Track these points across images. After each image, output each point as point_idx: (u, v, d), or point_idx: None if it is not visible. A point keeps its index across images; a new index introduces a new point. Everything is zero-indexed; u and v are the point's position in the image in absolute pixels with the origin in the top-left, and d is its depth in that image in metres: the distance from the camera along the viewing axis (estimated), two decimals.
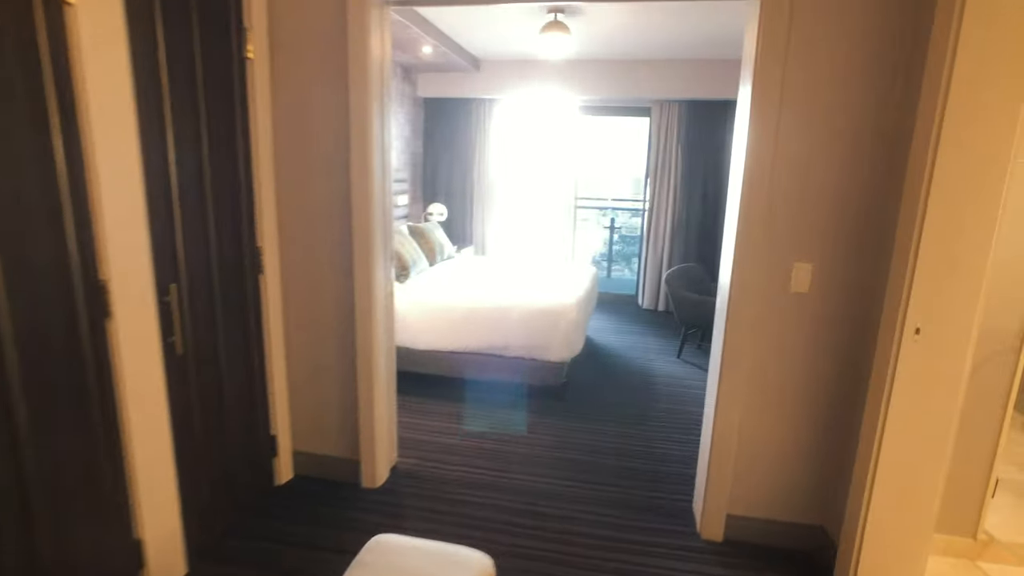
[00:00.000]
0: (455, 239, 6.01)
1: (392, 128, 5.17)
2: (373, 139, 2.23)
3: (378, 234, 2.33)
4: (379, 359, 2.43)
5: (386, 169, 2.40)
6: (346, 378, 2.45)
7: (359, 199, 2.26)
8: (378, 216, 2.32)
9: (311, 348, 2.46)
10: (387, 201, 2.41)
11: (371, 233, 2.28)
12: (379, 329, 2.41)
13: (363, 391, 2.42)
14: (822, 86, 1.90)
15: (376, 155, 2.28)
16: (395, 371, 2.62)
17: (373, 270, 2.31)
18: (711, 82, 5.16)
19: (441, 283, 3.91)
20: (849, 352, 2.04)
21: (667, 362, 4.31)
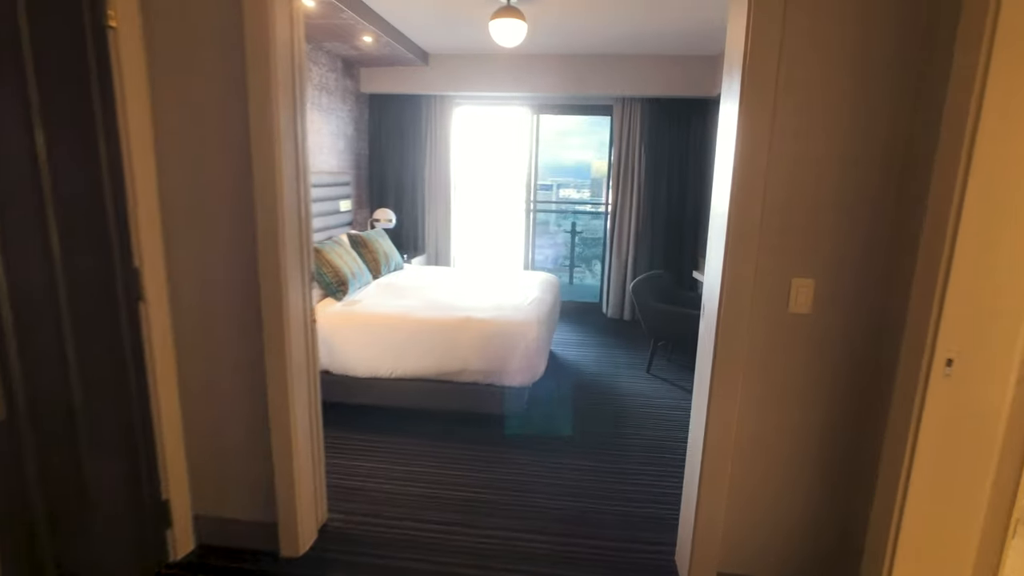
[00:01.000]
0: (405, 247, 5.56)
1: (333, 126, 4.72)
2: (279, 134, 1.80)
3: (290, 249, 1.89)
4: (297, 397, 1.99)
5: (302, 172, 1.96)
6: (256, 423, 2.00)
7: (265, 209, 1.81)
8: (290, 228, 1.89)
9: (212, 390, 2.00)
10: (303, 210, 1.97)
11: (281, 248, 1.84)
12: (296, 361, 1.97)
13: (279, 438, 1.98)
14: (825, 82, 1.58)
15: (286, 153, 1.84)
16: (319, 410, 2.18)
17: (285, 292, 1.88)
18: (676, 79, 4.90)
19: (385, 299, 3.47)
20: (861, 387, 1.73)
21: (637, 378, 3.99)
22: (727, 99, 1.74)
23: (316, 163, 4.37)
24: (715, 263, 1.78)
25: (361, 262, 3.78)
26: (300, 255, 1.96)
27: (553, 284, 4.11)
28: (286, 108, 1.82)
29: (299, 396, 2.00)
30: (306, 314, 2.03)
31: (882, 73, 1.55)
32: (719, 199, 1.77)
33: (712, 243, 1.83)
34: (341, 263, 3.46)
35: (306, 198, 1.98)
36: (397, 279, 4.05)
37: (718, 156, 1.82)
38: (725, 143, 1.74)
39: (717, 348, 1.75)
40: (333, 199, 4.51)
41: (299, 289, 1.96)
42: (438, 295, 3.60)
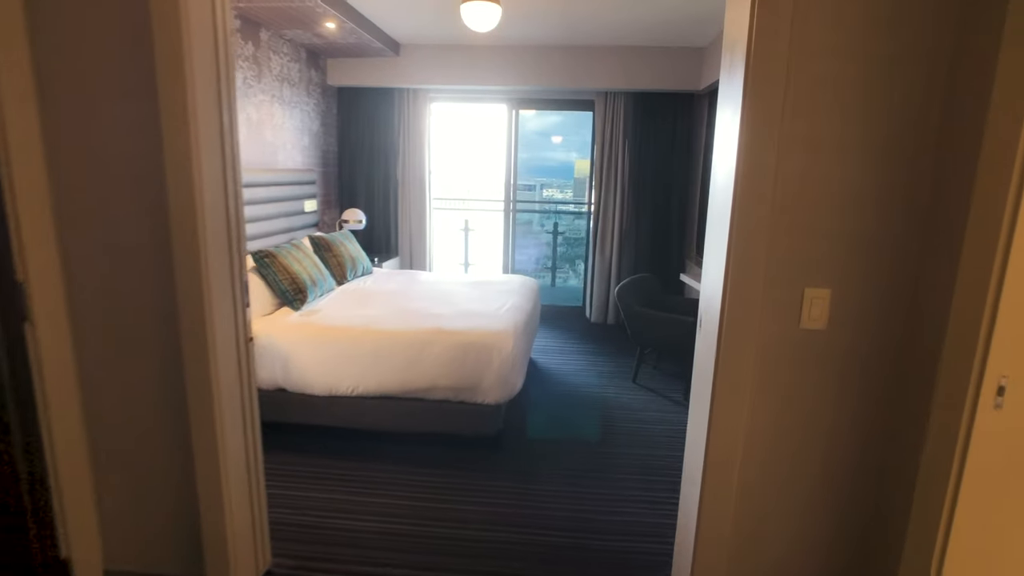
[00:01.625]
0: (376, 250, 5.25)
1: (296, 120, 4.39)
2: (194, 121, 1.49)
3: (215, 258, 1.59)
4: (229, 430, 1.70)
5: (231, 168, 1.66)
6: (184, 461, 1.70)
7: (179, 211, 1.51)
8: (215, 234, 1.59)
9: (129, 425, 1.69)
10: (234, 212, 1.67)
11: (201, 257, 1.54)
12: (226, 387, 1.67)
13: (205, 478, 1.68)
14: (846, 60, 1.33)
15: (207, 146, 1.54)
16: (258, 441, 1.88)
17: (209, 309, 1.57)
18: (661, 72, 4.66)
19: (348, 308, 3.17)
20: (887, 418, 1.49)
21: (622, 388, 3.74)
22: (728, 83, 1.49)
23: (277, 160, 4.05)
24: (714, 270, 1.52)
25: (324, 267, 3.47)
26: (230, 265, 1.66)
27: (532, 289, 3.84)
28: (206, 90, 1.52)
29: (231, 428, 1.71)
30: (239, 333, 1.73)
31: (911, 51, 1.31)
32: (719, 197, 1.51)
33: (711, 247, 1.57)
34: (299, 269, 3.15)
35: (237, 198, 1.68)
36: (364, 285, 3.75)
37: (717, 147, 1.57)
38: (725, 132, 1.49)
39: (719, 369, 1.50)
40: (297, 199, 4.19)
41: (229, 304, 1.66)
42: (407, 302, 3.31)
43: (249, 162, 3.66)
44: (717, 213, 1.52)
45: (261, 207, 3.66)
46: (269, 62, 3.84)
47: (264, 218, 3.71)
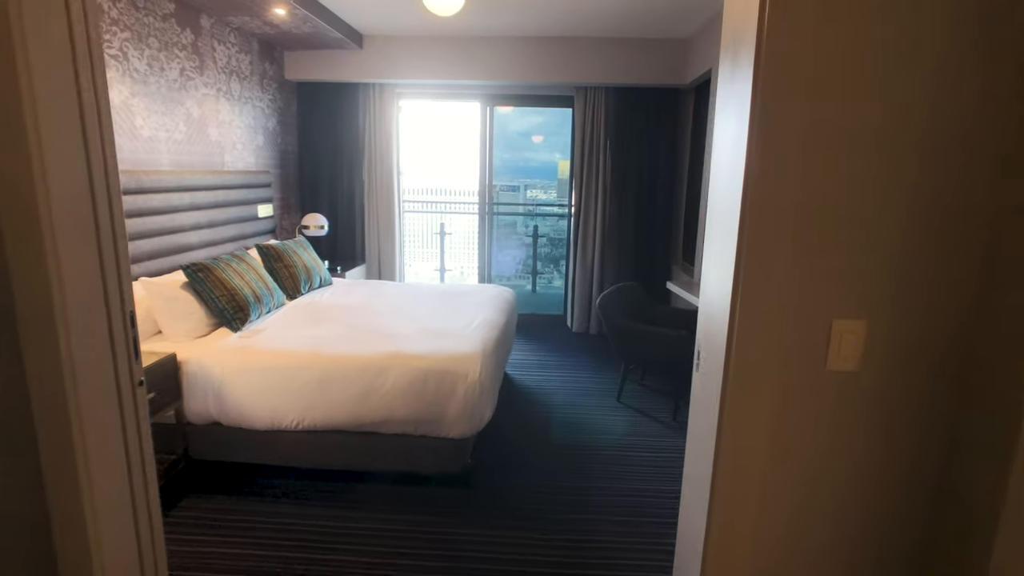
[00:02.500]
0: (341, 258, 4.88)
1: (248, 117, 4.01)
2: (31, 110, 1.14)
3: (79, 281, 1.24)
4: (107, 502, 1.34)
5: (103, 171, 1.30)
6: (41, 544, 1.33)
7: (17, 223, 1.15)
8: (78, 251, 1.23)
9: None
10: (109, 224, 1.31)
11: (52, 281, 1.18)
12: (103, 447, 1.31)
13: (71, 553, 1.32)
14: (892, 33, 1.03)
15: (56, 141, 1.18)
16: (156, 504, 1.52)
17: (67, 351, 1.22)
18: (643, 66, 4.37)
19: (296, 327, 2.81)
20: (939, 491, 1.19)
21: (606, 408, 3.43)
22: (732, 60, 1.18)
23: (225, 161, 3.67)
24: (717, 298, 1.21)
25: (271, 280, 3.11)
26: (103, 293, 1.30)
27: (507, 300, 3.52)
28: (53, 69, 1.16)
29: (113, 499, 1.35)
30: (121, 377, 1.37)
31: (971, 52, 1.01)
32: (720, 207, 1.20)
33: (711, 268, 1.26)
34: (240, 283, 2.78)
35: (112, 206, 1.32)
36: (320, 299, 3.38)
37: (718, 145, 1.26)
38: (729, 125, 1.18)
39: (724, 426, 1.18)
40: (249, 203, 3.81)
41: (102, 343, 1.31)
42: (365, 319, 2.96)
43: (190, 164, 3.28)
44: (719, 226, 1.21)
45: (205, 213, 3.29)
46: (213, 52, 3.46)
47: (208, 225, 3.33)
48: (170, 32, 3.04)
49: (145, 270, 2.81)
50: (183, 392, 2.39)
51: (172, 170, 3.07)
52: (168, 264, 2.97)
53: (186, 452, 2.43)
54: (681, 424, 3.23)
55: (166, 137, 3.04)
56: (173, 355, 2.35)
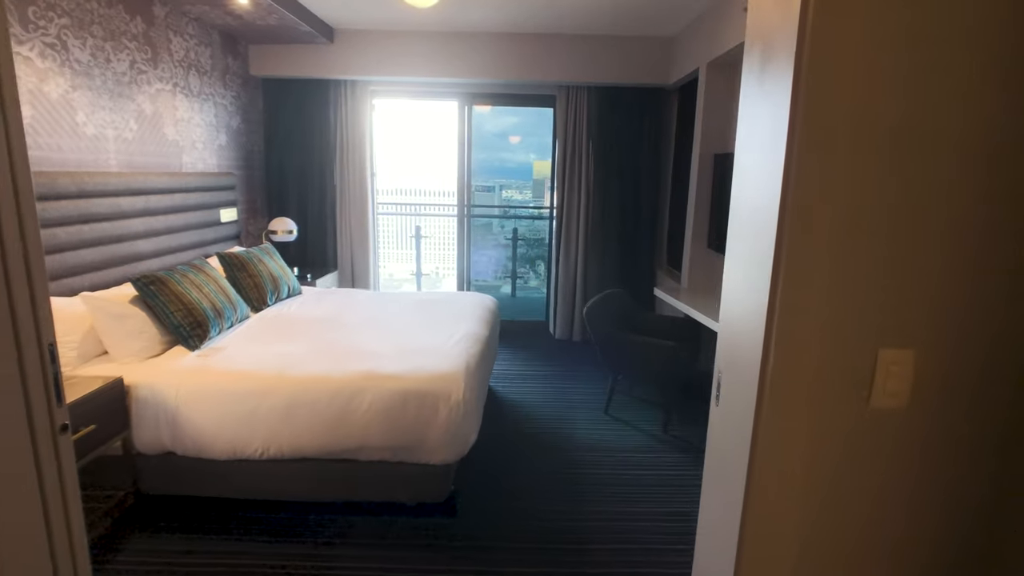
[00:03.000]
0: (311, 264, 4.63)
1: (208, 115, 3.73)
2: None
3: None
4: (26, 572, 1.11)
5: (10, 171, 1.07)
6: None
7: None
8: None
9: None
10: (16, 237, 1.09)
11: None
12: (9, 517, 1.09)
13: None
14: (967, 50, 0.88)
15: None
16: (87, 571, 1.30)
17: None
18: (627, 64, 4.24)
19: (261, 344, 2.58)
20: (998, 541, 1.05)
21: (594, 422, 3.27)
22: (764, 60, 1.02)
23: (183, 162, 3.40)
24: (746, 320, 1.05)
25: (234, 292, 2.86)
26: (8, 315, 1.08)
27: (489, 310, 3.33)
28: None
29: None
30: (37, 425, 1.15)
31: None
32: (750, 216, 1.04)
33: (736, 285, 1.10)
34: (198, 297, 2.54)
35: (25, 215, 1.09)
36: (288, 310, 3.15)
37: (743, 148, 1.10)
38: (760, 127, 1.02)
39: (755, 463, 1.02)
40: (210, 207, 3.55)
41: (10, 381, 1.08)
42: (337, 333, 2.74)
43: (143, 164, 3.01)
44: (746, 240, 1.05)
45: (160, 219, 3.02)
46: (169, 44, 3.19)
47: (165, 232, 3.07)
48: (117, 20, 2.77)
49: (90, 283, 2.54)
50: (132, 420, 2.15)
51: (121, 171, 2.80)
52: (118, 275, 2.70)
53: (136, 487, 2.19)
54: (673, 438, 3.10)
55: (114, 135, 2.77)
56: (120, 379, 2.10)
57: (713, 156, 3.51)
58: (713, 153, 3.52)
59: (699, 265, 3.71)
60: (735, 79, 3.44)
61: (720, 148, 3.53)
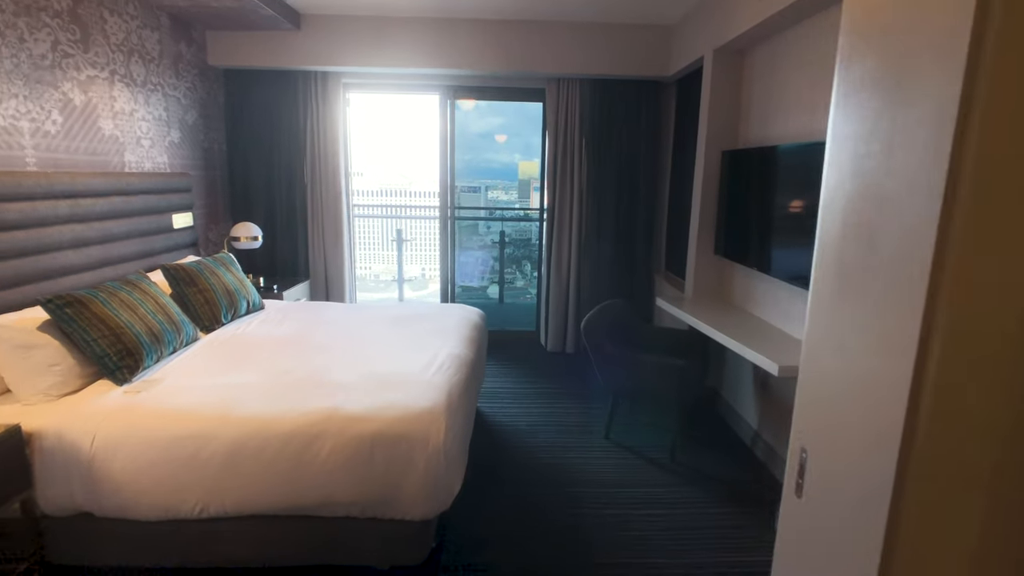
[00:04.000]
0: (281, 274, 4.23)
1: (158, 108, 3.30)
2: None
3: None
4: None
5: None
6: None
7: None
8: None
9: None
10: None
11: None
12: None
13: None
14: None
15: None
16: None
17: None
18: (623, 55, 3.90)
19: (205, 375, 2.18)
20: None
21: (592, 448, 2.92)
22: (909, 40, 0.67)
23: (125, 160, 2.99)
24: (866, 379, 0.70)
25: (179, 311, 2.46)
26: None
27: (476, 326, 2.96)
28: None
29: None
30: None
31: None
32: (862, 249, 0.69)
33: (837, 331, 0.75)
34: (130, 319, 2.14)
35: None
36: (245, 330, 2.75)
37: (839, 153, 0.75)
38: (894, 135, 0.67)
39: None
40: (159, 212, 3.13)
41: None
42: (297, 359, 2.35)
43: (71, 163, 2.60)
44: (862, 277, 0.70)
45: (95, 226, 2.61)
46: (103, 24, 2.78)
47: (100, 241, 2.65)
48: None
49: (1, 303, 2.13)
50: (35, 475, 1.75)
51: (41, 171, 2.39)
52: (37, 292, 2.28)
53: (41, 557, 1.78)
54: (682, 467, 2.76)
55: (31, 128, 2.36)
56: (17, 426, 1.70)
57: (721, 153, 3.19)
58: (721, 150, 3.19)
59: (705, 272, 3.38)
60: (745, 67, 3.12)
61: (728, 144, 3.21)
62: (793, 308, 2.59)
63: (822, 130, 2.30)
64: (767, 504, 2.45)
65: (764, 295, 2.87)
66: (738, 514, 2.39)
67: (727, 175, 3.13)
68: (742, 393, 3.13)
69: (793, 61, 2.61)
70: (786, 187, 2.51)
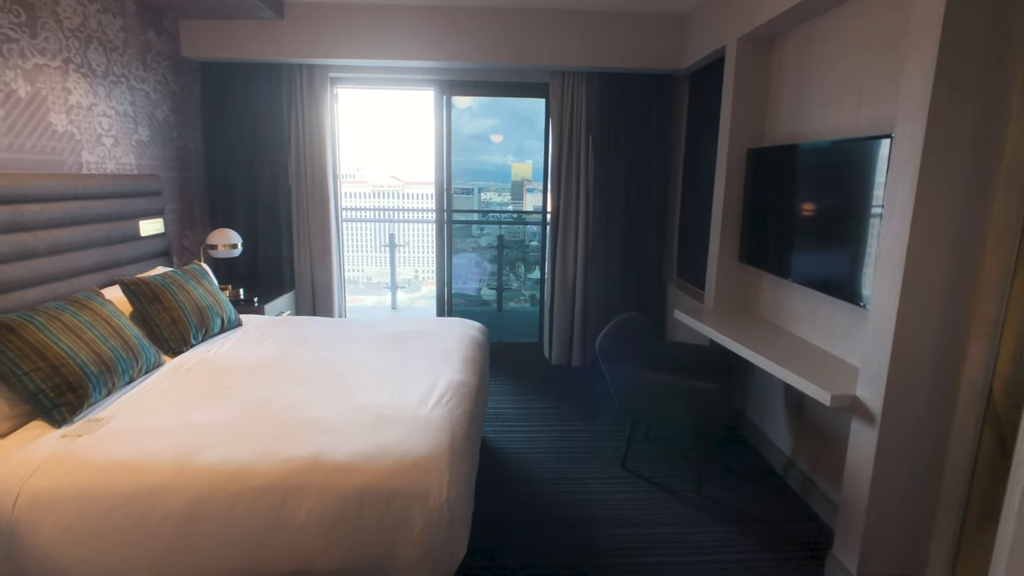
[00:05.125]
0: (264, 284, 3.90)
1: (122, 103, 2.90)
2: None
3: None
4: None
5: None
6: None
7: None
8: None
9: None
10: None
11: None
12: None
13: None
14: None
15: None
16: None
17: None
18: (633, 47, 3.62)
19: (163, 412, 1.85)
20: None
21: (610, 480, 2.62)
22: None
23: (83, 161, 2.67)
24: None
25: (137, 333, 2.14)
26: None
27: (478, 344, 2.66)
28: None
29: None
30: None
31: None
32: None
33: None
34: (74, 346, 1.81)
35: None
36: (217, 352, 2.42)
37: None
38: None
39: None
40: (124, 218, 2.81)
41: None
42: (275, 389, 2.03)
43: (14, 163, 2.28)
44: None
45: (42, 235, 2.28)
46: (54, 7, 2.45)
47: (50, 252, 2.33)
48: None
49: None
50: None
51: None
52: None
53: None
54: (710, 502, 2.47)
55: None
56: None
57: (746, 151, 2.90)
58: (746, 148, 2.91)
59: (727, 281, 3.09)
60: (774, 56, 2.83)
61: (753, 141, 2.92)
62: (834, 324, 2.30)
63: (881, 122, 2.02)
64: (816, 549, 2.16)
65: (798, 308, 2.58)
66: (782, 561, 2.10)
67: (753, 175, 2.84)
68: (771, 415, 2.84)
69: (837, 46, 2.32)
70: (833, 187, 2.22)
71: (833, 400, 1.87)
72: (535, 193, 6.95)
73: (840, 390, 1.89)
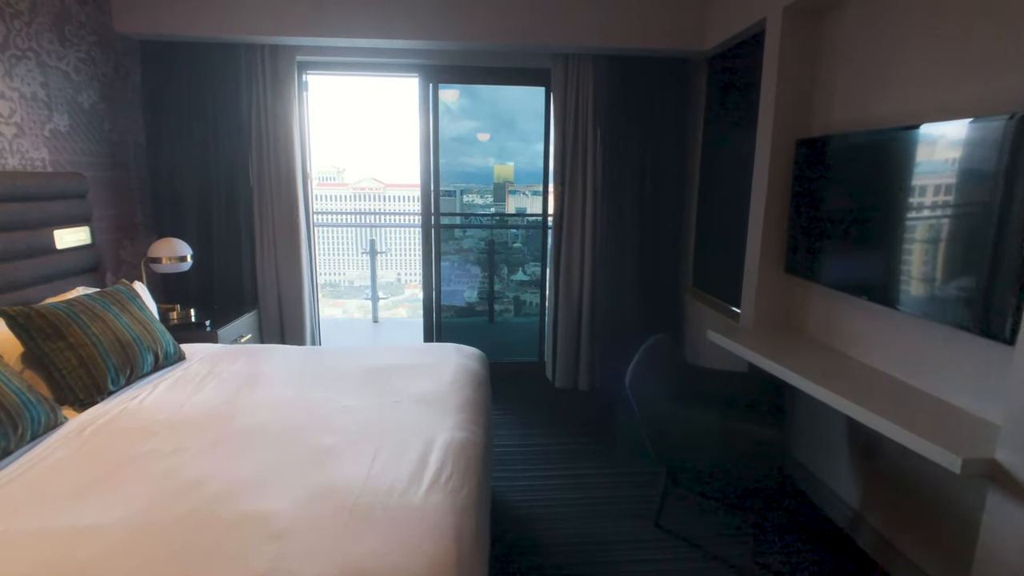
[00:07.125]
0: (221, 304, 3.33)
1: (30, 85, 2.23)
2: None
3: None
4: None
5: None
6: None
7: None
8: None
9: None
10: None
11: None
12: None
13: None
14: None
15: None
16: None
17: None
18: (646, 24, 3.14)
19: (37, 507, 1.29)
20: None
21: (643, 545, 2.13)
22: None
23: None
24: None
25: (18, 388, 1.57)
26: None
27: (479, 379, 2.15)
28: None
29: None
30: None
31: None
32: None
33: None
34: None
35: None
36: (141, 403, 1.85)
37: None
38: None
39: None
40: (30, 227, 2.25)
41: None
42: (212, 460, 1.48)
43: None
44: None
45: None
46: None
47: None
48: None
49: None
50: None
51: None
52: None
53: None
54: (767, 571, 1.99)
55: None
56: None
57: (795, 143, 2.43)
58: (795, 139, 2.44)
59: (771, 295, 2.63)
60: (825, 30, 2.38)
61: (803, 131, 2.46)
62: (925, 354, 1.83)
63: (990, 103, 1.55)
64: None
65: (864, 330, 2.12)
66: None
67: (805, 170, 2.37)
68: (830, 458, 2.38)
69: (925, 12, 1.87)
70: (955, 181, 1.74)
71: (964, 467, 1.39)
72: (517, 195, 6.47)
73: (974, 453, 1.41)
